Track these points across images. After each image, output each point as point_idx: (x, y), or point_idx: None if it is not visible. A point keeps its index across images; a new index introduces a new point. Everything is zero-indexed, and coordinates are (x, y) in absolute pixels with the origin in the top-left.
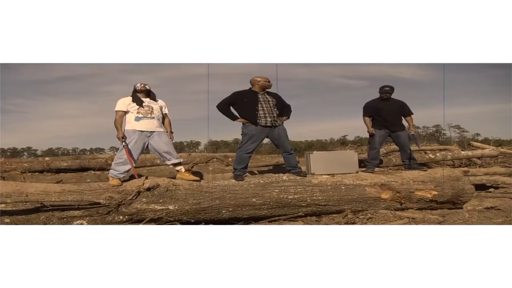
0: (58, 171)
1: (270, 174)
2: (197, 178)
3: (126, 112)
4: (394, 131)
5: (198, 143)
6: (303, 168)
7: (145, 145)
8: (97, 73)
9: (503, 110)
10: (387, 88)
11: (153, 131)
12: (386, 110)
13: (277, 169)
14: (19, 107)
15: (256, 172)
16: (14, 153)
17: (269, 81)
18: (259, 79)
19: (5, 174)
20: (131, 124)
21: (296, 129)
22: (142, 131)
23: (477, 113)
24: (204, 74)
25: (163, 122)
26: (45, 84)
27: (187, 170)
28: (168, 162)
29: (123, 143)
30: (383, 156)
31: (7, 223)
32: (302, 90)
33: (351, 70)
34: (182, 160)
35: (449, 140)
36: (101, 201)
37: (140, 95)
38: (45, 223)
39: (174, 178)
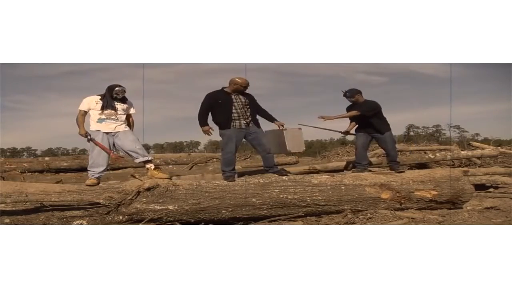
0: (58, 171)
1: (270, 174)
2: (167, 176)
3: (86, 112)
4: (370, 133)
5: (198, 143)
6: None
7: (111, 145)
8: (105, 68)
9: (503, 110)
10: (346, 93)
11: (118, 131)
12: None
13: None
14: (20, 105)
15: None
16: (14, 153)
17: (245, 86)
18: (239, 80)
19: (4, 174)
20: (94, 125)
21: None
22: (105, 132)
23: (477, 113)
24: (213, 70)
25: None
26: (50, 79)
27: (156, 168)
28: (137, 160)
29: (89, 138)
30: (383, 156)
31: (7, 223)
32: (316, 87)
33: (374, 65)
34: (151, 158)
35: (449, 140)
36: (101, 201)
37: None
38: (45, 223)
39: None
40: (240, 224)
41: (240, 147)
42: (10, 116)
